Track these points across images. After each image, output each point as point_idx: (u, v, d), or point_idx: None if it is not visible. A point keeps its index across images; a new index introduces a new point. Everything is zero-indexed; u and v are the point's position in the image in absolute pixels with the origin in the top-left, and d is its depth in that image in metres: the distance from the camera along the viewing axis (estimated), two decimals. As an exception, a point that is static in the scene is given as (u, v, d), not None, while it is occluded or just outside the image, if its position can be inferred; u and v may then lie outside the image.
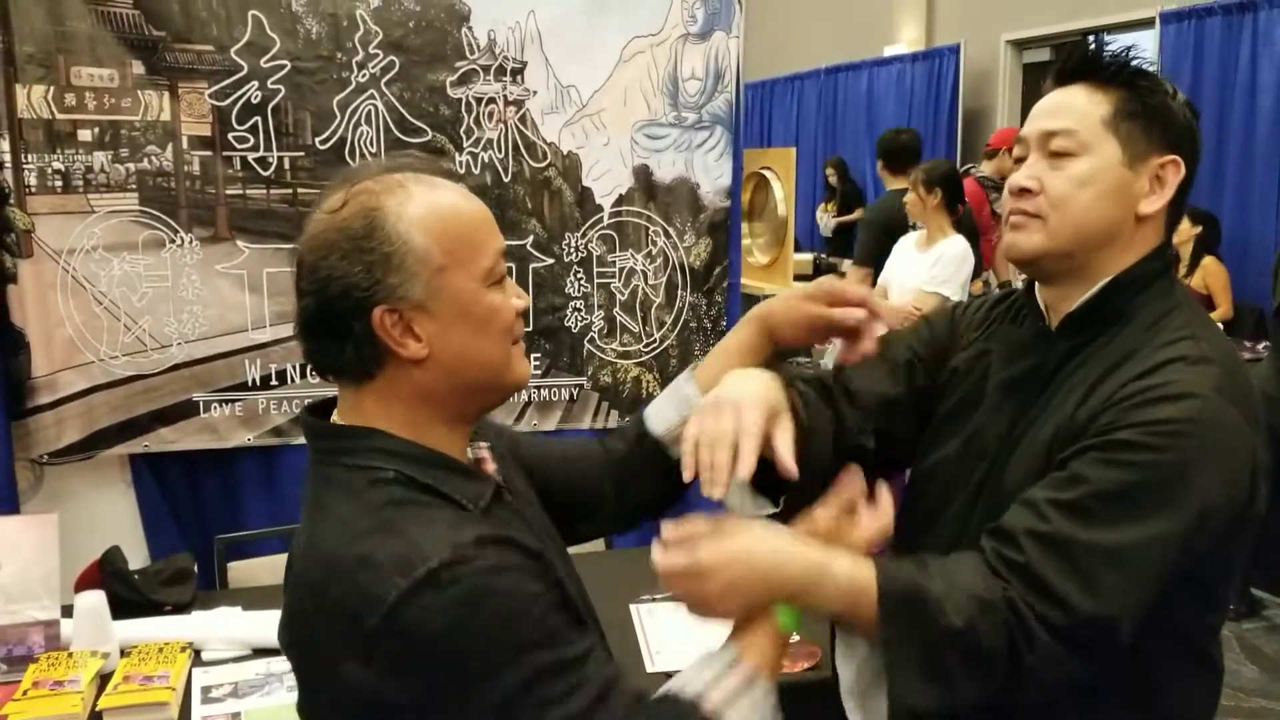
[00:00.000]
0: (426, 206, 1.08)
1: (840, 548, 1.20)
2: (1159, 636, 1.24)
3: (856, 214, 9.82)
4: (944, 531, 1.37)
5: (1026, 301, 1.42)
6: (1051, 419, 1.28)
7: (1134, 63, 1.31)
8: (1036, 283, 1.40)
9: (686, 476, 1.17)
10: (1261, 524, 1.28)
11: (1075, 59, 1.33)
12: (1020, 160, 1.35)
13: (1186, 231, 5.58)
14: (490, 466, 1.21)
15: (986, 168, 6.62)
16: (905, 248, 4.83)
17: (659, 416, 1.42)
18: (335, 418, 1.15)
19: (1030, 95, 8.94)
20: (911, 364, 1.50)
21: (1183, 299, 1.32)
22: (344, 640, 1.00)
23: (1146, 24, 7.08)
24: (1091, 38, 8.37)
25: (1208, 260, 5.50)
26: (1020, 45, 8.89)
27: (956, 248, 4.59)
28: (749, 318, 1.47)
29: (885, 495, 1.28)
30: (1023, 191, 1.31)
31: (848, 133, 10.58)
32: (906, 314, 4.51)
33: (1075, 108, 1.30)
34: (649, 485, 1.41)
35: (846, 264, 9.26)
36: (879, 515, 1.27)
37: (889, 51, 9.96)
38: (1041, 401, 1.32)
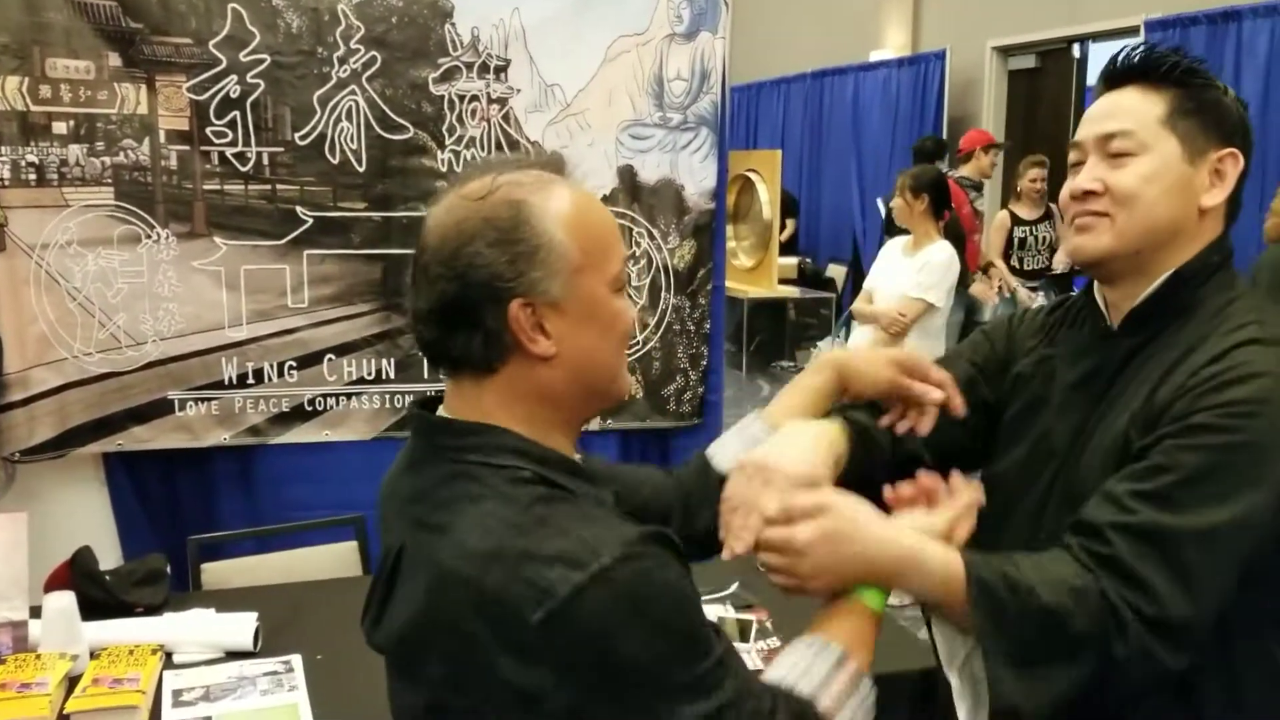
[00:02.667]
0: (570, 206, 1.09)
1: (936, 538, 1.23)
2: (1244, 618, 1.25)
3: (789, 227, 9.87)
4: (1018, 532, 1.38)
5: (1086, 303, 1.43)
6: (1123, 413, 1.30)
7: (1184, 61, 1.32)
8: (1096, 283, 1.42)
9: (721, 535, 1.23)
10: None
11: (1127, 61, 1.35)
12: (1076, 165, 1.36)
13: None
14: None
15: (965, 169, 6.65)
16: (892, 252, 4.83)
17: (724, 452, 1.41)
18: (445, 412, 1.13)
19: (1015, 102, 8.97)
20: (973, 379, 1.51)
21: (1244, 289, 1.34)
22: (503, 636, 0.98)
23: (1131, 32, 7.09)
24: (1076, 46, 8.40)
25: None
26: (1006, 52, 8.90)
27: (943, 254, 4.60)
28: (828, 363, 1.47)
29: (962, 484, 1.32)
30: (1087, 194, 1.32)
31: (833, 137, 10.57)
32: (892, 319, 4.51)
33: (1131, 109, 1.32)
34: (709, 518, 1.38)
35: (833, 267, 9.29)
36: (969, 513, 1.30)
37: (875, 56, 9.96)
38: (1109, 398, 1.33)
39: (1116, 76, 1.35)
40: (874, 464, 1.41)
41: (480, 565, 1.00)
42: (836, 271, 9.13)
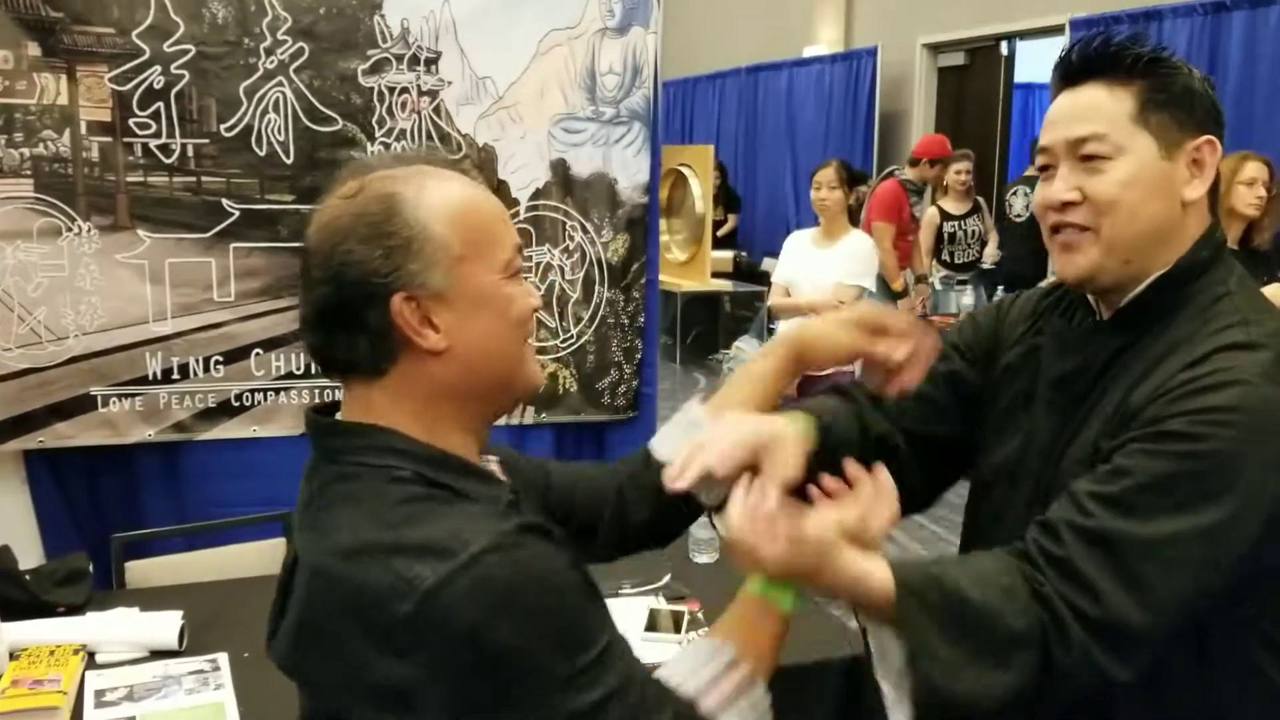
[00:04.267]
0: (444, 196, 1.06)
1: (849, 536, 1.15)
2: (1227, 630, 1.22)
3: (730, 222, 9.97)
4: (1010, 533, 1.29)
5: (1076, 295, 1.37)
6: (1100, 416, 1.25)
7: (1147, 51, 1.24)
8: None
9: (666, 476, 1.16)
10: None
11: (1086, 55, 1.26)
12: (1045, 170, 1.29)
13: None
14: (502, 477, 1.18)
15: (910, 173, 6.74)
16: (801, 245, 4.88)
17: (665, 442, 1.36)
18: (341, 417, 1.11)
19: (945, 98, 9.10)
20: (954, 374, 1.46)
21: (1234, 284, 1.26)
22: (374, 632, 0.96)
23: (1057, 30, 7.23)
24: (1004, 43, 8.55)
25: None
26: (935, 49, 9.03)
27: (866, 242, 4.83)
28: (781, 341, 1.41)
29: (884, 476, 1.21)
30: (1065, 205, 1.25)
31: (768, 131, 10.65)
32: (832, 308, 4.56)
33: (1099, 108, 1.23)
34: (645, 510, 1.36)
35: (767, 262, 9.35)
36: (885, 501, 1.20)
37: (808, 52, 10.05)
38: (1095, 395, 1.28)
39: (1075, 72, 1.27)
40: (836, 460, 1.27)
41: (347, 562, 0.98)
42: (772, 265, 9.18)
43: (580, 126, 3.34)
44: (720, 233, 9.46)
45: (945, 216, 6.82)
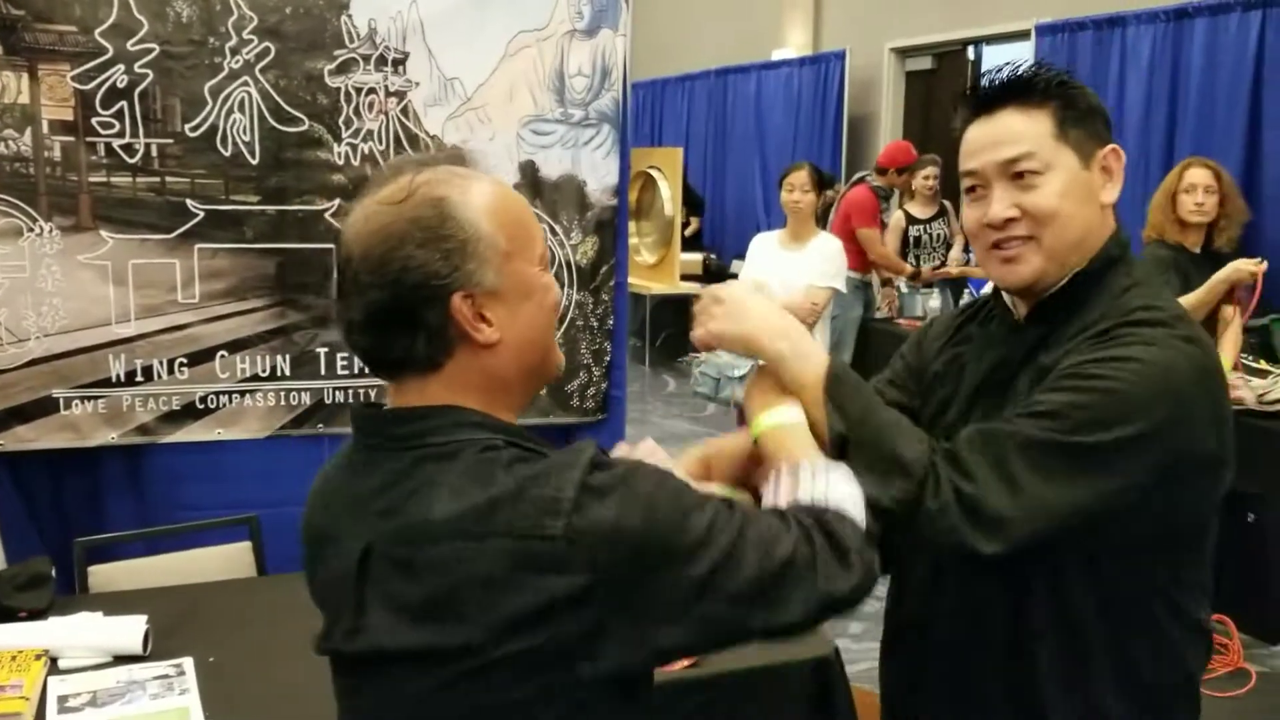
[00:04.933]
0: (487, 195, 1.11)
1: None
2: (1131, 586, 1.32)
3: (693, 224, 10.00)
4: None
5: (995, 303, 1.48)
6: (1021, 393, 1.35)
7: (1056, 74, 1.36)
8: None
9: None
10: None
11: (1000, 84, 1.36)
12: (974, 191, 1.39)
13: None
14: None
15: (878, 180, 6.78)
16: (768, 247, 4.90)
17: None
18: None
19: (913, 101, 9.16)
20: (895, 404, 1.51)
21: (1140, 276, 1.38)
22: (532, 562, 1.00)
23: (1022, 35, 7.30)
24: (971, 48, 8.61)
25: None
26: (903, 53, 9.09)
27: (836, 244, 4.87)
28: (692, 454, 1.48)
29: None
30: (1007, 222, 1.35)
31: (737, 134, 10.67)
32: (809, 309, 4.61)
33: (1021, 131, 1.34)
34: None
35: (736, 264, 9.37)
36: None
37: (777, 55, 10.08)
38: (1015, 387, 1.37)
39: (990, 100, 1.36)
40: None
41: (485, 517, 1.01)
42: (741, 267, 9.22)
43: (549, 128, 3.33)
44: (686, 233, 9.47)
45: (911, 220, 6.86)
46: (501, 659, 1.02)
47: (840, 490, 1.16)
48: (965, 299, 6.72)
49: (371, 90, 3.14)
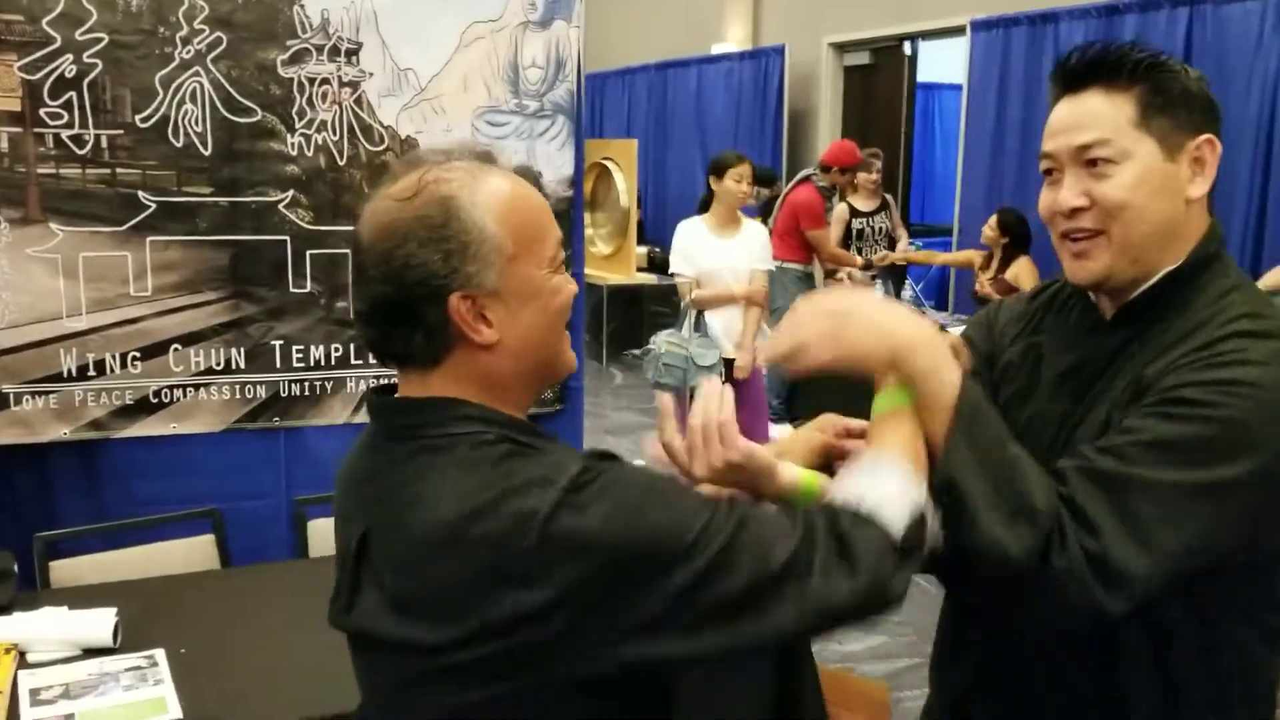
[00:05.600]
0: (498, 196, 1.10)
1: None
2: (1224, 607, 1.27)
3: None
4: None
5: (1075, 290, 1.39)
6: (1108, 402, 1.28)
7: (1146, 56, 1.27)
8: None
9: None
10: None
11: (1085, 62, 1.29)
12: (1051, 174, 1.32)
13: (996, 240, 5.91)
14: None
15: (821, 178, 6.87)
16: (701, 235, 4.96)
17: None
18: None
19: (851, 96, 9.28)
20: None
21: (1239, 278, 1.31)
22: (501, 573, 1.00)
23: (958, 31, 7.44)
24: (908, 43, 8.75)
25: (1021, 259, 5.80)
26: (841, 48, 9.20)
27: (763, 228, 5.23)
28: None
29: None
30: (1074, 211, 1.28)
31: (678, 128, 10.73)
32: (758, 292, 4.91)
33: (1101, 115, 1.26)
34: None
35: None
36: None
37: (717, 49, 10.15)
38: (1102, 384, 1.31)
39: (1075, 79, 1.29)
40: None
41: (462, 525, 1.01)
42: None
43: (504, 120, 3.34)
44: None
45: (854, 213, 6.96)
46: (472, 663, 1.03)
47: (880, 489, 1.11)
48: (906, 290, 6.86)
49: (325, 81, 3.13)
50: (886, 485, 1.11)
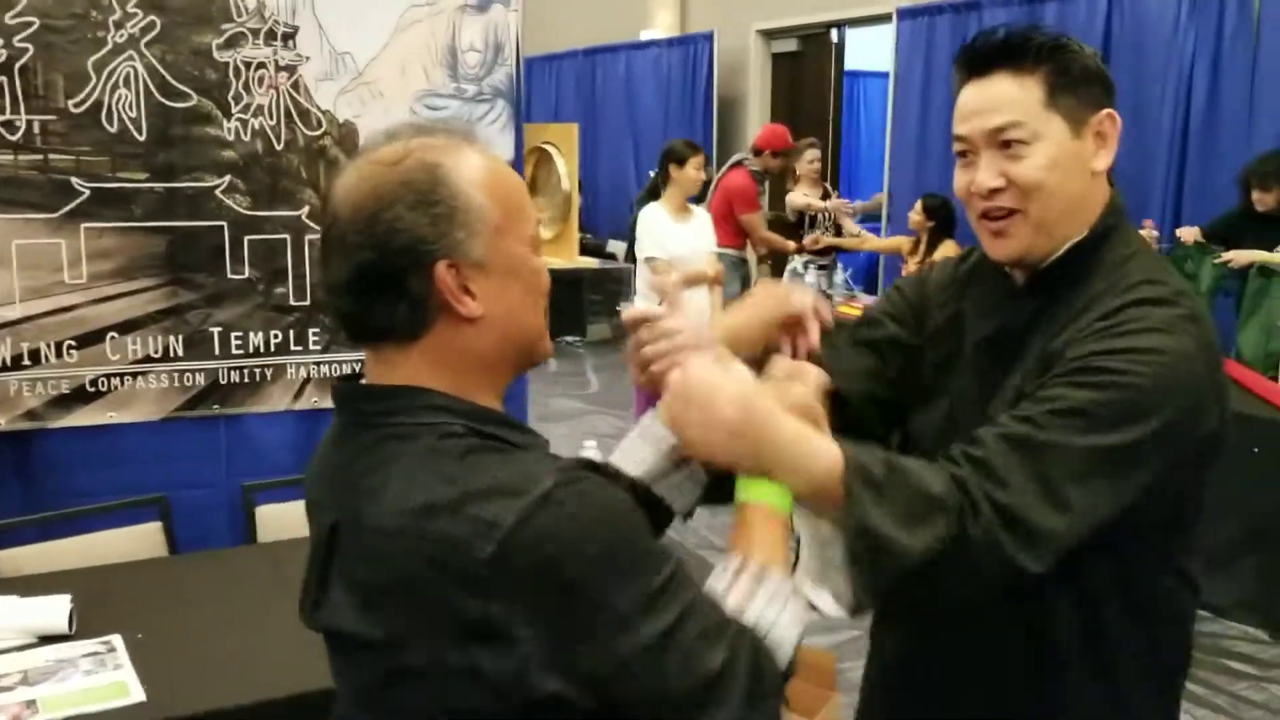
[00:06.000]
0: (484, 168, 1.09)
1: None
2: (1142, 555, 1.33)
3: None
4: None
5: (990, 263, 1.43)
6: (1024, 367, 1.33)
7: (1049, 39, 1.32)
8: None
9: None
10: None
11: (990, 46, 1.33)
12: (962, 156, 1.37)
13: (922, 224, 6.04)
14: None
15: (754, 162, 6.94)
16: (661, 220, 5.16)
17: (629, 455, 1.29)
18: (368, 383, 1.13)
19: (779, 83, 9.37)
20: (895, 338, 1.53)
21: (1138, 245, 1.37)
22: (458, 578, 0.98)
23: (884, 19, 7.56)
24: (835, 31, 8.86)
25: (947, 243, 5.93)
26: (769, 35, 9.29)
27: (708, 215, 5.50)
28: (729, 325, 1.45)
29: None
30: (993, 191, 1.33)
31: (608, 114, 10.75)
32: (720, 272, 5.19)
33: (1011, 98, 1.31)
34: None
35: (612, 244, 9.46)
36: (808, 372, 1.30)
37: (645, 35, 10.18)
38: (1016, 353, 1.36)
39: (980, 64, 1.34)
40: None
41: (420, 518, 1.00)
42: (617, 247, 9.31)
43: (443, 104, 3.34)
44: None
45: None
46: (424, 668, 1.02)
47: (783, 631, 1.10)
48: (838, 275, 6.96)
49: (261, 65, 3.10)
50: (786, 625, 1.10)
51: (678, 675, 1.01)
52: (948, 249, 5.91)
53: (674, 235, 5.10)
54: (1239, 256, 4.64)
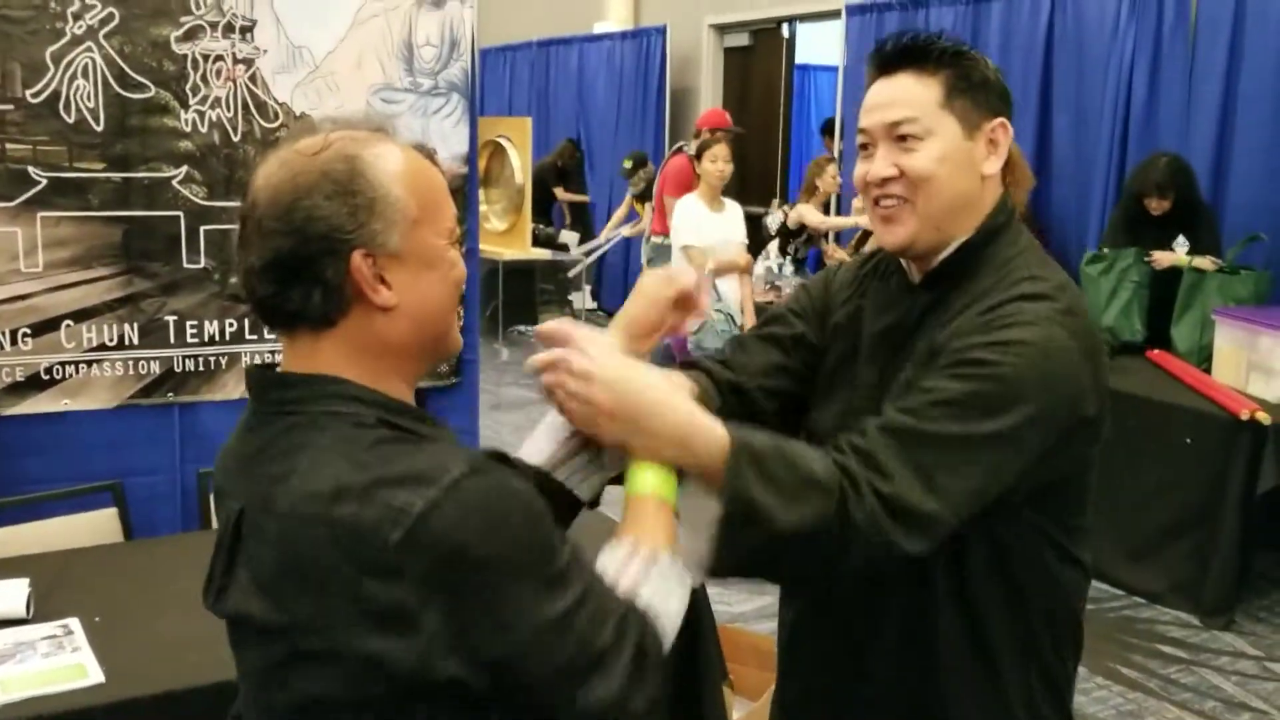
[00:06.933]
0: (403, 161, 1.12)
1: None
2: (1020, 534, 1.41)
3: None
4: None
5: (892, 261, 1.53)
6: (915, 359, 1.41)
7: (951, 45, 1.42)
8: None
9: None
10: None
11: (899, 47, 1.43)
12: (864, 148, 1.45)
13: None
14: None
15: (691, 146, 7.02)
16: (698, 210, 5.48)
17: (535, 446, 1.35)
18: (282, 370, 1.15)
19: (731, 77, 9.46)
20: (800, 336, 1.60)
21: (1025, 245, 1.45)
22: (365, 563, 1.00)
23: (833, 14, 7.67)
24: (785, 26, 8.96)
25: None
26: (721, 29, 9.37)
27: (739, 207, 5.76)
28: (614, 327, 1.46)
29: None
30: (885, 181, 1.41)
31: (561, 106, 10.77)
32: (750, 262, 5.56)
33: (911, 95, 1.40)
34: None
35: (566, 234, 9.50)
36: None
37: (598, 28, 10.22)
38: (909, 346, 1.44)
39: (889, 62, 1.43)
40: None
41: (328, 502, 1.02)
42: (570, 237, 9.35)
43: (398, 98, 3.39)
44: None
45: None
46: (326, 652, 1.04)
47: (672, 613, 1.15)
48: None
49: (219, 57, 3.13)
50: (670, 605, 1.16)
51: (570, 655, 1.05)
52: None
53: (709, 224, 5.41)
54: (1161, 258, 4.84)
